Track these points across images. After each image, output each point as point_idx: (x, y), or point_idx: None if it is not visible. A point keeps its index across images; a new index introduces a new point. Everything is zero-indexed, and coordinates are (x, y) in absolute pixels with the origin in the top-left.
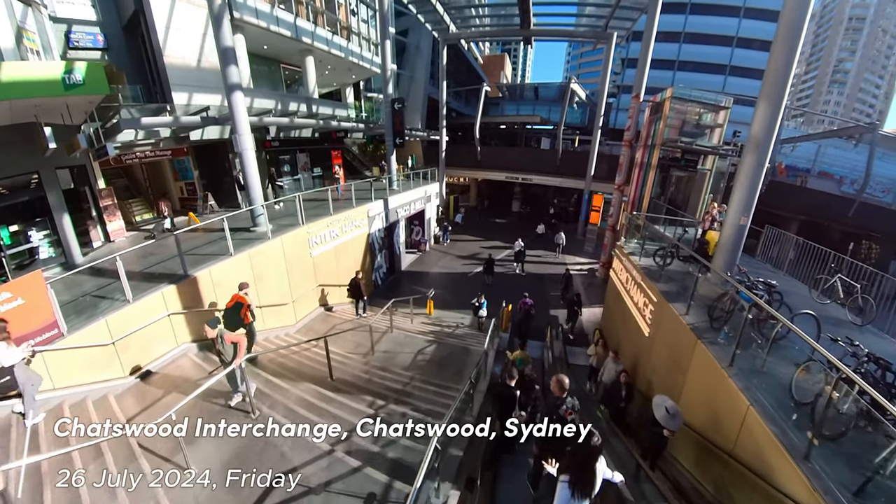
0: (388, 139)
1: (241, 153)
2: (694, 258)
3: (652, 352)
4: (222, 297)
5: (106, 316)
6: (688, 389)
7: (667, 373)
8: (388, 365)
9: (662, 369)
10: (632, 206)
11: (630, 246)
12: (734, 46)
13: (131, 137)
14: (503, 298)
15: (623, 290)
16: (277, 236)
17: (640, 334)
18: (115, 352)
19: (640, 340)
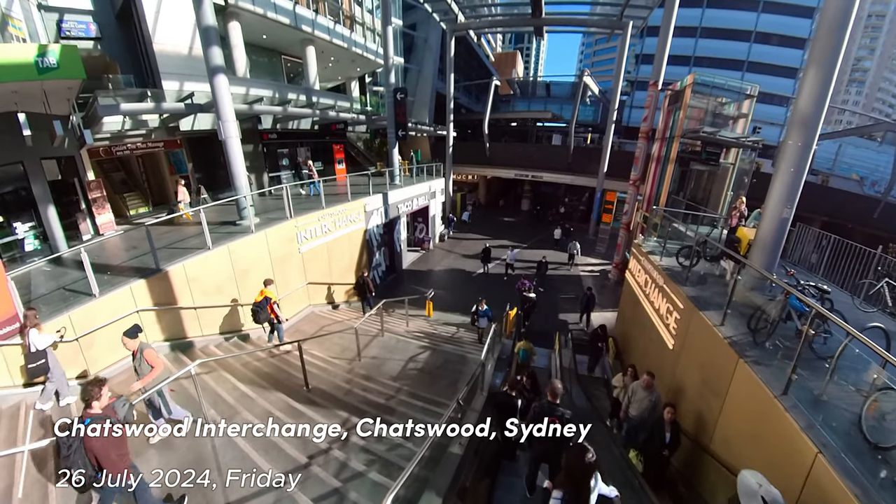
0: (390, 131)
1: (226, 141)
2: (729, 256)
3: (677, 368)
4: (198, 294)
5: (70, 311)
6: (725, 420)
7: (697, 396)
8: (374, 373)
9: (692, 391)
10: (647, 204)
11: (649, 244)
12: (752, 42)
13: (118, 127)
14: (508, 301)
15: (641, 294)
16: (262, 230)
17: (662, 346)
18: (80, 349)
19: (662, 354)
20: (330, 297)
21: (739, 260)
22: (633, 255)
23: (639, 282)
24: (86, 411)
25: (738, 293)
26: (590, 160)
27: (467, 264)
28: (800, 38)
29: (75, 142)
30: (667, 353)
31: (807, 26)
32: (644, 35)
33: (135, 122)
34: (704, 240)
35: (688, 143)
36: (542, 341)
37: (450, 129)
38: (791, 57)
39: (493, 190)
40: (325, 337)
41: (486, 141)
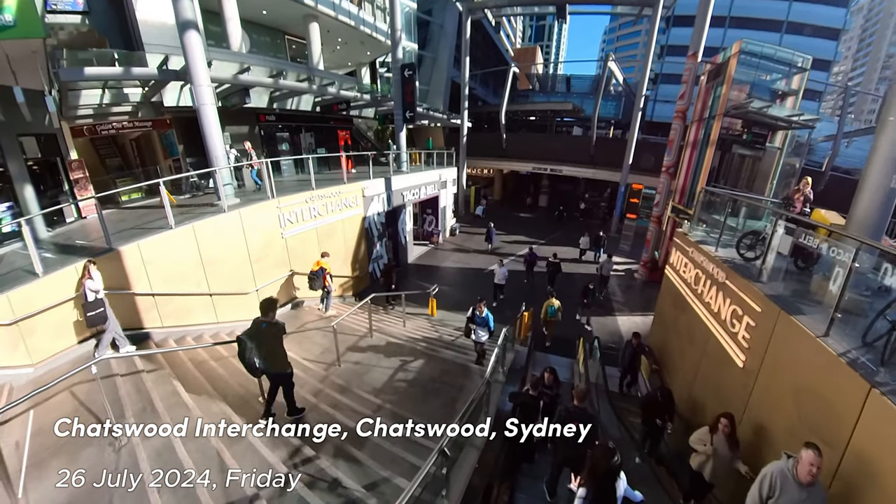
0: (397, 113)
1: (199, 109)
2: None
3: (754, 396)
4: (157, 279)
5: (8, 291)
6: (849, 482)
7: (790, 438)
8: (352, 383)
9: (782, 432)
10: (681, 195)
11: (697, 233)
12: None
13: (95, 100)
14: (524, 301)
15: (690, 295)
16: (236, 210)
17: (724, 363)
18: (20, 335)
19: (724, 373)
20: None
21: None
22: (676, 247)
23: (685, 279)
24: (261, 318)
25: (819, 290)
26: (614, 152)
27: (479, 261)
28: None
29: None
30: (732, 373)
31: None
32: (670, 26)
33: (114, 95)
34: (789, 215)
35: (729, 125)
36: (563, 349)
37: (464, 116)
38: (834, 17)
39: (510, 185)
40: (304, 334)
41: (502, 131)
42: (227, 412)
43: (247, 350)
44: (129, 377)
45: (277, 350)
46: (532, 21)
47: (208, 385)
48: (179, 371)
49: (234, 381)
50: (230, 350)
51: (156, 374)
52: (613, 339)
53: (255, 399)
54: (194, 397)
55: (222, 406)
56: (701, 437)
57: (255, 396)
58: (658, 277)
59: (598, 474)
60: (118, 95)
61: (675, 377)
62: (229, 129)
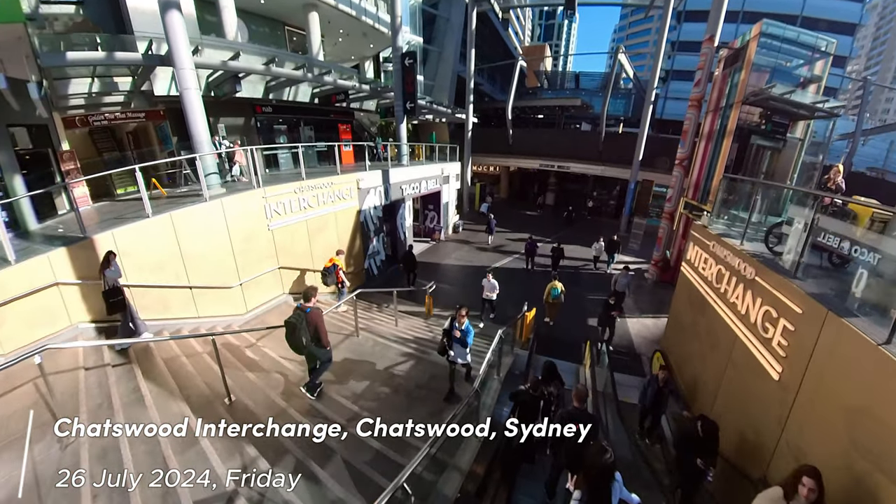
0: (398, 103)
1: (183, 93)
2: None
3: (794, 417)
4: (133, 270)
5: None
6: None
7: (843, 470)
8: (331, 388)
9: (830, 461)
10: (695, 191)
11: (718, 226)
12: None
13: (84, 89)
14: (526, 300)
15: (712, 294)
16: (218, 199)
17: (754, 374)
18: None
19: (754, 386)
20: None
21: None
22: (693, 241)
23: (705, 276)
24: (304, 304)
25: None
26: (623, 148)
27: (482, 258)
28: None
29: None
30: (765, 387)
31: None
32: (680, 21)
33: (103, 84)
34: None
35: (747, 115)
36: (567, 353)
37: (469, 110)
38: (850, 11)
39: (516, 184)
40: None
41: (508, 127)
42: (186, 413)
43: (296, 331)
44: (95, 370)
45: (316, 333)
46: (541, 20)
47: (173, 382)
48: (146, 366)
49: (201, 380)
50: (204, 345)
51: (122, 369)
52: (623, 342)
53: (221, 400)
54: (156, 395)
55: (182, 406)
56: (771, 499)
57: (221, 397)
58: (670, 278)
59: (592, 474)
60: (108, 84)
61: (695, 386)
62: (224, 120)
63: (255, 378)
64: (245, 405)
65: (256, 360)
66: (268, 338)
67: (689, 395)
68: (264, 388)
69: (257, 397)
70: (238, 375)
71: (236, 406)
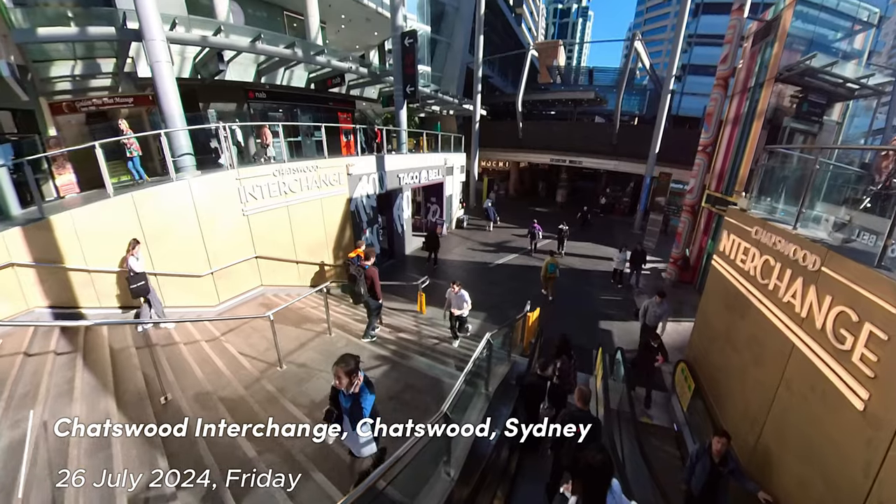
0: (397, 87)
1: (153, 66)
2: None
3: (890, 465)
4: (90, 251)
5: None
6: None
7: None
8: (287, 392)
9: None
10: (718, 181)
11: (760, 208)
12: None
13: (67, 71)
14: (528, 299)
15: (756, 292)
16: (184, 179)
17: (826, 401)
18: None
19: (827, 417)
20: (300, 278)
21: None
22: (729, 229)
23: (745, 270)
24: (363, 262)
25: None
26: (639, 141)
27: (486, 254)
28: None
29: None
30: (843, 419)
31: None
32: (699, 13)
33: (86, 65)
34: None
35: (778, 97)
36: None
37: (477, 101)
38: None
39: (526, 180)
40: (253, 326)
41: (519, 120)
42: (111, 412)
43: (356, 283)
44: (36, 357)
45: (371, 286)
46: (555, 18)
47: (111, 376)
48: (92, 357)
49: (142, 375)
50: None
51: (65, 358)
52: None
53: (157, 398)
54: (89, 388)
55: (110, 403)
56: None
57: (158, 395)
58: (690, 278)
59: (587, 477)
60: (91, 66)
61: (731, 410)
62: (215, 106)
63: (203, 376)
64: (178, 407)
65: (213, 356)
66: (234, 332)
67: (724, 417)
68: (208, 387)
69: (197, 397)
70: (187, 372)
71: (169, 406)
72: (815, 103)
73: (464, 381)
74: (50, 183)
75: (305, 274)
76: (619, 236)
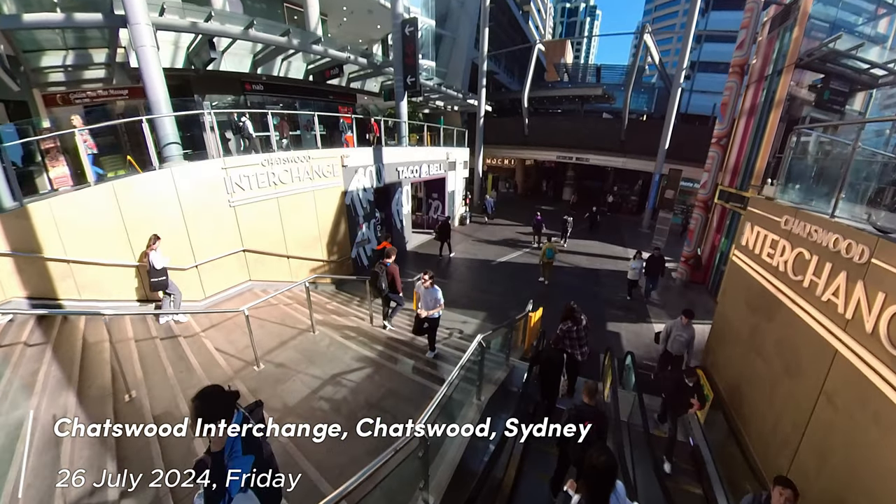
0: (397, 77)
1: (138, 51)
2: None
3: None
4: (70, 240)
5: None
6: None
7: None
8: (258, 395)
9: None
10: (732, 176)
11: (790, 195)
12: None
13: (58, 61)
14: (529, 298)
15: (787, 291)
16: (168, 167)
17: (883, 421)
18: None
19: (886, 442)
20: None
21: None
22: (752, 220)
23: (774, 265)
24: (384, 261)
25: None
26: (648, 137)
27: (488, 251)
28: None
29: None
30: None
31: None
32: (709, 9)
33: (78, 55)
34: None
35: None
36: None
37: (482, 95)
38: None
39: (532, 178)
40: (236, 322)
41: (524, 116)
42: (70, 407)
43: (377, 279)
44: (4, 349)
45: (392, 282)
46: (563, 17)
47: (77, 370)
48: (64, 349)
49: (109, 371)
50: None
51: (35, 350)
52: (651, 353)
53: (121, 395)
54: (53, 382)
55: (70, 399)
56: None
57: (122, 393)
58: (701, 278)
59: (592, 478)
60: (82, 56)
61: (757, 427)
62: (210, 97)
63: (174, 374)
64: (142, 405)
65: (188, 353)
66: (216, 328)
67: (749, 436)
68: (178, 386)
69: (162, 396)
70: (157, 369)
71: (132, 405)
72: (837, 91)
73: (447, 393)
74: (44, 176)
75: (298, 269)
76: (628, 235)
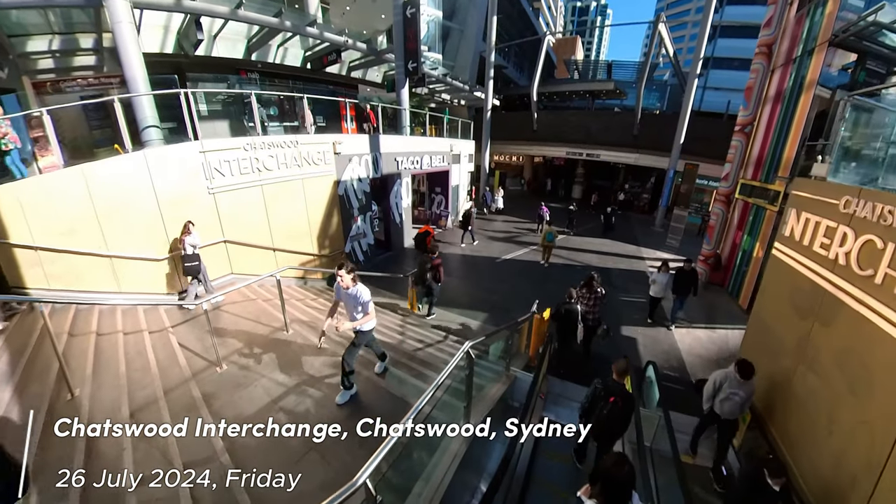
0: (398, 64)
1: (114, 28)
2: None
3: None
4: (37, 225)
5: None
6: None
7: None
8: (214, 401)
9: None
10: (756, 168)
11: (850, 173)
12: None
13: (44, 46)
14: (535, 298)
15: (850, 290)
16: (140, 150)
17: None
18: None
19: None
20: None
21: None
22: (797, 208)
23: (831, 259)
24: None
25: None
26: (662, 131)
27: (492, 248)
28: None
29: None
30: None
31: None
32: (724, 3)
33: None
34: None
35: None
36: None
37: (489, 87)
38: None
39: (540, 175)
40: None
41: (533, 110)
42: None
43: (422, 269)
44: None
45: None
46: (573, 16)
47: (23, 364)
48: (17, 340)
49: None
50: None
51: None
52: (671, 362)
53: (64, 394)
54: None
55: (4, 394)
56: None
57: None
58: (721, 279)
59: (608, 485)
60: (69, 41)
61: (811, 459)
62: (203, 86)
63: (126, 372)
64: (81, 404)
65: (149, 349)
66: (189, 323)
67: (800, 471)
68: (128, 385)
69: (107, 396)
70: (111, 366)
71: (71, 404)
72: (873, 72)
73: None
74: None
75: (285, 263)
76: (640, 234)
